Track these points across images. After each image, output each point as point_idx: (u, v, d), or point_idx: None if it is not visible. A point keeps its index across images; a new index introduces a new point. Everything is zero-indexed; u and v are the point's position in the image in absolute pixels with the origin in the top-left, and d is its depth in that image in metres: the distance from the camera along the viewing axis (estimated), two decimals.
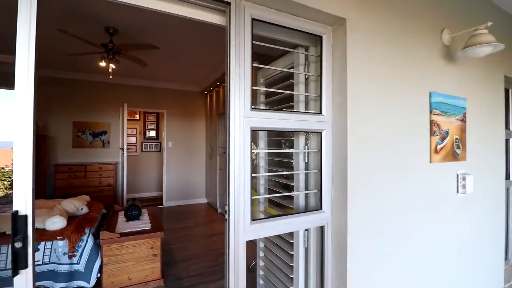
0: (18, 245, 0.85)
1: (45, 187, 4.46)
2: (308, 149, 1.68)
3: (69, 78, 4.91)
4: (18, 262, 0.84)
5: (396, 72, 1.61)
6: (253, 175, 1.30)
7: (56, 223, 2.16)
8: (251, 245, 1.71)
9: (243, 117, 1.26)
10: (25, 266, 0.85)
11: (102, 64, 2.88)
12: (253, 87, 1.30)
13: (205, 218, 4.79)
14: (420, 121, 1.74)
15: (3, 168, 6.35)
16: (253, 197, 1.30)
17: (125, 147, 4.80)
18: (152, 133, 6.88)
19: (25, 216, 0.88)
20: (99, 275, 2.27)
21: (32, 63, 0.93)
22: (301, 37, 1.59)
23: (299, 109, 1.68)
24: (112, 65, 2.91)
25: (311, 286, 1.59)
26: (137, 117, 6.75)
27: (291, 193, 1.69)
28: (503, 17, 2.39)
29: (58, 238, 2.13)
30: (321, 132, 1.50)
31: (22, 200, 0.88)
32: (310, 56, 1.65)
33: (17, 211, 0.87)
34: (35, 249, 2.08)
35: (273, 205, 1.96)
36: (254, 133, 1.73)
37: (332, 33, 1.54)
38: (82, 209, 2.64)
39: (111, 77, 3.24)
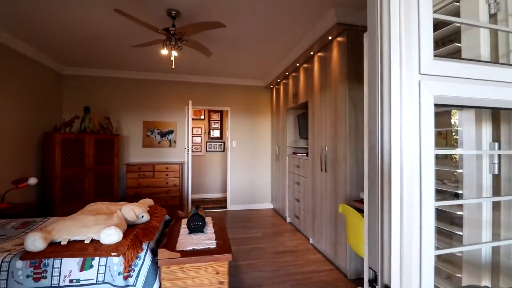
0: None
1: (118, 186, 4.53)
2: (500, 146, 0.88)
3: (137, 78, 4.96)
4: None
5: None
6: (439, 204, 0.59)
7: (111, 235, 1.84)
8: None
9: (418, 74, 0.56)
10: None
11: (164, 52, 2.55)
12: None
13: (273, 227, 4.21)
14: None
15: None
16: (436, 252, 0.59)
17: (190, 146, 4.57)
18: (216, 133, 6.69)
19: None
20: None
21: None
22: None
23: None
24: (174, 53, 2.55)
25: None
26: (202, 116, 6.64)
27: None
28: None
29: (112, 254, 1.80)
30: None
31: None
32: None
33: None
34: (89, 266, 1.78)
35: None
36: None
37: None
38: (142, 216, 2.33)
39: (173, 66, 2.92)
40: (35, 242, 1.70)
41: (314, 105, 3.36)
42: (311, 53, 3.32)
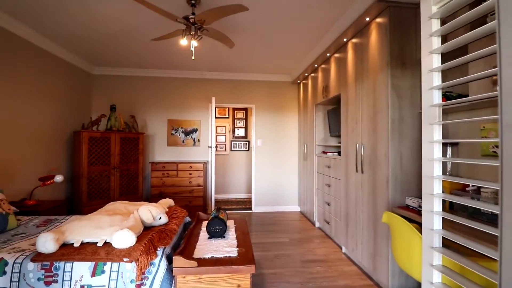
0: None
1: (142, 185, 4.51)
2: None
3: (162, 76, 4.94)
4: None
5: None
6: None
7: (124, 238, 1.69)
8: None
9: None
10: None
11: (183, 42, 2.39)
12: None
13: (301, 232, 3.90)
14: None
15: None
16: None
17: (213, 144, 4.42)
18: (241, 132, 6.51)
19: None
20: None
21: None
22: None
23: None
24: (194, 43, 2.38)
25: None
26: (227, 115, 6.50)
27: None
28: None
29: (124, 259, 1.65)
30: None
31: None
32: None
33: None
34: (101, 271, 1.64)
35: None
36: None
37: None
38: (160, 218, 2.17)
39: (193, 57, 2.75)
40: (46, 243, 1.60)
41: (348, 98, 3.01)
42: (344, 39, 2.98)
